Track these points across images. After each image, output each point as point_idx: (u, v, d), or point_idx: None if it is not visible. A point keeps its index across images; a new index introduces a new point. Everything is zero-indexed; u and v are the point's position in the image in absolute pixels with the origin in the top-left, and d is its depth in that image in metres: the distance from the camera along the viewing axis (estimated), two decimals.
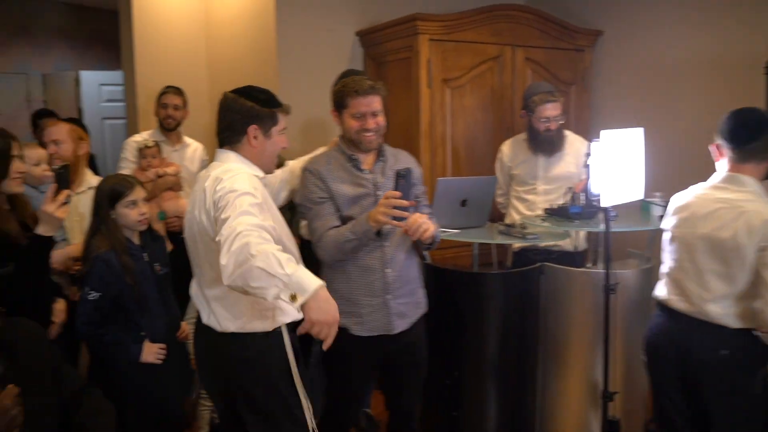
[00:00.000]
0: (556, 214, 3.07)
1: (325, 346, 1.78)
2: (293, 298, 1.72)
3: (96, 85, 6.30)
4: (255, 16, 4.19)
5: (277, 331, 2.16)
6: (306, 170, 2.44)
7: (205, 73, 4.75)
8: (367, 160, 2.47)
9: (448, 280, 2.98)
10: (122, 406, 2.23)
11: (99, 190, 2.51)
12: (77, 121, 3.18)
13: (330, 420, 2.54)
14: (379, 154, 2.49)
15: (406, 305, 2.48)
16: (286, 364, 2.17)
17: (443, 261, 3.54)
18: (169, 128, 3.86)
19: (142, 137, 3.79)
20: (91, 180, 3.08)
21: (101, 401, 1.99)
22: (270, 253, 1.72)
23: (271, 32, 4.02)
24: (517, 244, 3.27)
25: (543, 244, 3.06)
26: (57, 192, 2.25)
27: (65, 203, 2.27)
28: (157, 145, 3.60)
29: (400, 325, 2.45)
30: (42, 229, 2.25)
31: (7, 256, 2.21)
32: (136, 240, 2.58)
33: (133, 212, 2.50)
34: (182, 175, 3.69)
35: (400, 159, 2.54)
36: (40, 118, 4.42)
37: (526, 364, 3.02)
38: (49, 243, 2.29)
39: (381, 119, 2.40)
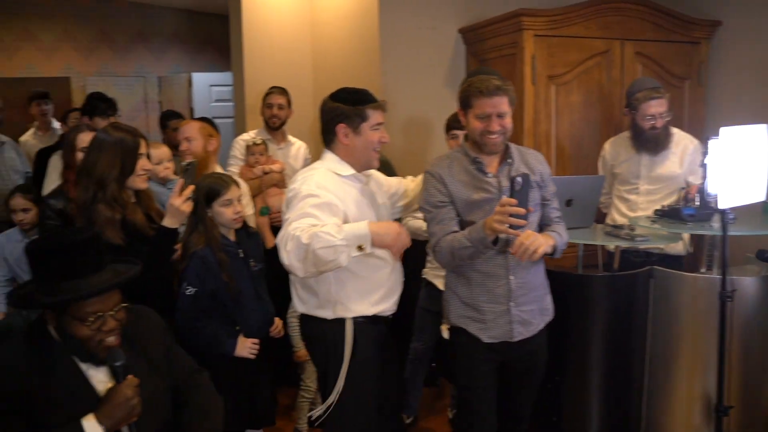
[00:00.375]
0: (667, 215, 2.92)
1: (395, 253, 2.14)
2: (360, 248, 2.04)
3: (206, 86, 6.60)
4: (359, 16, 4.25)
5: (338, 321, 2.31)
6: (427, 173, 2.36)
7: (310, 73, 4.86)
8: (492, 162, 2.34)
9: (552, 282, 2.90)
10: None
11: (197, 188, 2.56)
12: (208, 120, 3.36)
13: (463, 421, 2.48)
14: (506, 156, 2.34)
15: (530, 312, 2.36)
16: (341, 353, 2.30)
17: (546, 261, 3.45)
18: (274, 127, 3.98)
19: (249, 136, 3.93)
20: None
21: (210, 384, 2.06)
22: (317, 233, 2.01)
23: (374, 32, 4.06)
24: (615, 245, 3.14)
25: (650, 246, 2.93)
26: (183, 187, 2.37)
27: (190, 198, 2.39)
28: (263, 143, 3.73)
29: (522, 333, 2.34)
30: (168, 222, 2.37)
31: (136, 247, 2.34)
32: (231, 237, 2.64)
33: (228, 211, 2.57)
34: (286, 173, 3.80)
35: (528, 161, 2.38)
36: (168, 119, 4.69)
37: (631, 371, 2.90)
38: (174, 235, 2.40)
39: (507, 121, 2.25)
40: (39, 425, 1.66)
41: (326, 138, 2.33)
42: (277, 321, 2.78)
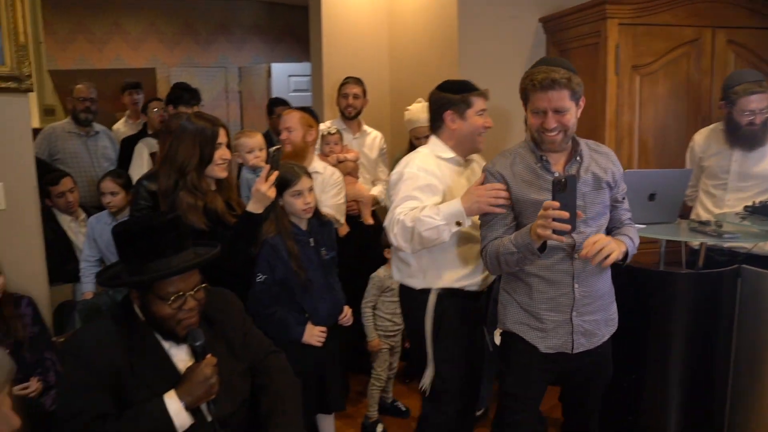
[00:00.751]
0: (758, 212, 2.78)
1: (491, 209, 2.17)
2: (459, 224, 2.23)
3: (285, 76, 6.73)
4: (437, 6, 4.22)
5: (425, 291, 2.45)
6: (487, 171, 2.22)
7: (386, 64, 4.88)
8: (559, 160, 2.16)
9: (633, 278, 2.81)
10: None
11: None
12: (309, 110, 3.45)
13: (502, 425, 2.41)
14: (573, 154, 2.16)
15: (594, 323, 2.21)
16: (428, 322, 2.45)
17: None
18: (350, 117, 4.01)
19: (325, 125, 3.98)
20: (317, 165, 3.28)
21: (288, 366, 2.10)
22: (419, 217, 2.23)
23: (452, 22, 4.03)
24: (700, 242, 3.00)
25: (738, 244, 2.79)
26: (269, 173, 2.42)
27: (276, 184, 2.44)
28: (339, 132, 3.76)
29: (583, 345, 2.20)
30: (252, 207, 2.43)
31: (219, 233, 2.42)
32: (303, 226, 2.66)
33: (299, 201, 2.59)
34: (361, 162, 3.83)
35: (599, 160, 2.19)
36: (276, 105, 4.84)
37: (715, 373, 2.77)
38: (258, 219, 2.45)
39: (567, 118, 2.06)
40: (125, 401, 1.74)
41: (434, 125, 2.47)
42: (346, 309, 2.80)
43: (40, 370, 2.65)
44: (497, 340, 2.35)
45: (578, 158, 2.15)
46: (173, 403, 1.73)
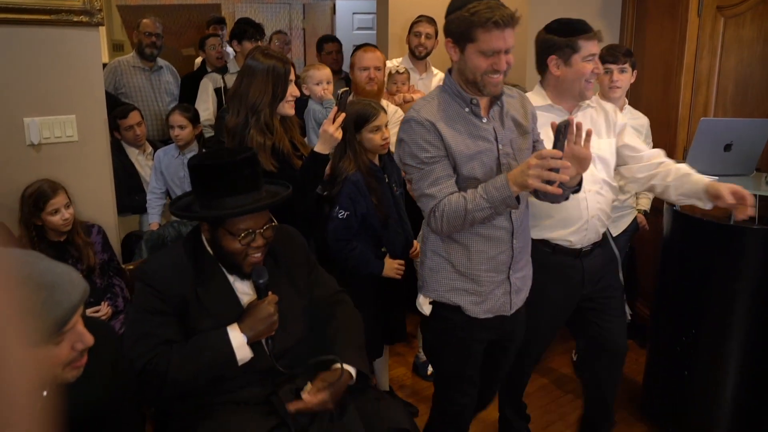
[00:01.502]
0: None
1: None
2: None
3: (349, 13, 6.63)
4: None
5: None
6: (412, 120, 1.94)
7: None
8: (484, 106, 1.98)
9: (697, 230, 2.71)
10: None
11: (347, 114, 2.55)
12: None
13: (442, 418, 2.32)
14: (494, 99, 1.98)
15: (522, 279, 2.13)
16: None
17: (692, 209, 3.23)
18: (419, 56, 3.93)
19: (392, 63, 3.91)
20: (386, 106, 3.27)
21: (351, 309, 2.12)
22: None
23: None
24: None
25: None
26: (337, 115, 2.40)
27: (353, 120, 2.45)
28: (407, 71, 3.70)
29: (516, 303, 2.12)
30: (320, 147, 2.42)
31: (288, 173, 2.43)
32: (377, 162, 2.68)
33: (377, 137, 2.59)
34: None
35: (514, 104, 2.05)
36: (326, 42, 4.81)
37: None
38: (325, 160, 2.46)
39: (511, 57, 1.89)
40: (190, 328, 1.80)
41: (539, 70, 2.32)
42: (416, 244, 2.81)
43: (109, 295, 2.78)
44: (426, 310, 2.14)
45: (499, 103, 2.00)
46: (236, 337, 1.79)
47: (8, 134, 2.67)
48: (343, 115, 2.40)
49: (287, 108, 2.51)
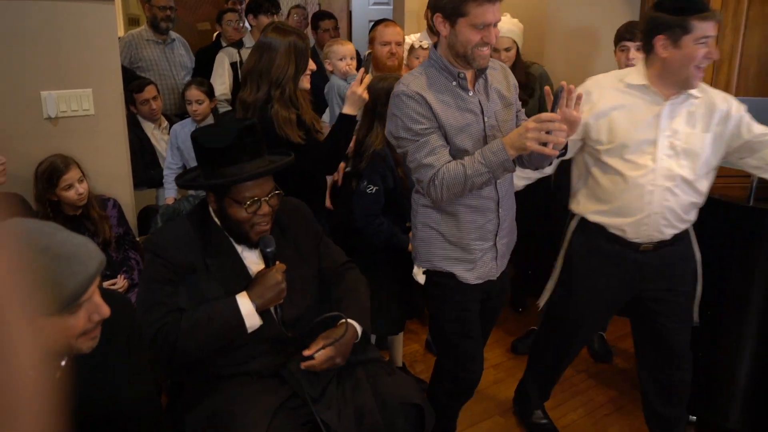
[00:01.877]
0: None
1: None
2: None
3: None
4: None
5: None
6: (402, 94, 1.97)
7: None
8: (469, 78, 2.03)
9: (716, 212, 2.68)
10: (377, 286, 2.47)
11: (373, 89, 2.56)
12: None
13: (448, 376, 2.36)
14: (479, 72, 2.03)
15: (507, 245, 2.22)
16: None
17: (711, 189, 3.20)
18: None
19: (410, 39, 3.88)
20: None
21: (359, 275, 2.16)
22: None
23: None
24: None
25: None
26: (364, 77, 2.45)
27: (377, 95, 2.48)
28: (429, 46, 3.68)
29: (500, 267, 2.22)
30: (348, 109, 2.47)
31: (312, 144, 2.48)
32: None
33: None
34: None
35: (497, 77, 2.10)
36: (320, 19, 4.76)
37: None
38: (353, 121, 2.49)
39: (498, 30, 1.96)
40: (198, 296, 1.84)
41: (644, 49, 2.17)
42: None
43: (125, 268, 2.81)
44: (421, 279, 2.21)
45: (484, 76, 2.05)
46: (245, 304, 1.82)
47: (26, 108, 2.69)
48: (369, 77, 2.43)
49: (305, 81, 2.54)
